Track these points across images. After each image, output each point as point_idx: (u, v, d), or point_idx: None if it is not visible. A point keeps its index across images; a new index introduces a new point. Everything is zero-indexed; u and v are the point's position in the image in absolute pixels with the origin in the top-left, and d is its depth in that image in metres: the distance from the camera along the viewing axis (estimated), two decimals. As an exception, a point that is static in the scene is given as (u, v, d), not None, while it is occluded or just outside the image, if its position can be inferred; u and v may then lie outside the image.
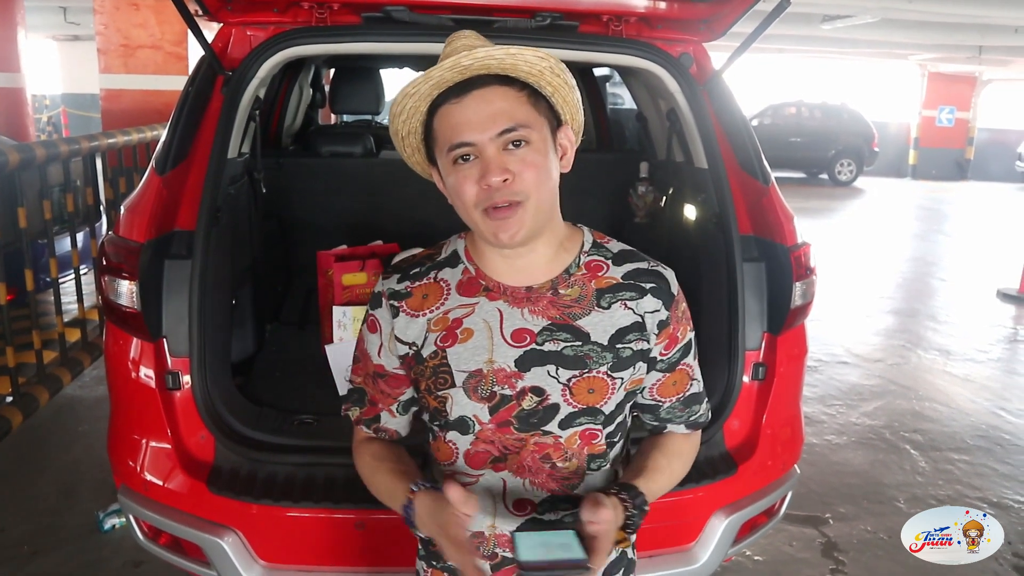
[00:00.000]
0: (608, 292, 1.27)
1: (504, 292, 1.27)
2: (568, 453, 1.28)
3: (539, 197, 1.20)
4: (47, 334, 4.20)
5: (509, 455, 1.28)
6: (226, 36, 2.46)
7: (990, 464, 4.00)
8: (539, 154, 1.19)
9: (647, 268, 1.30)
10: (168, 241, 2.17)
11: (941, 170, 19.02)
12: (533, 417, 1.26)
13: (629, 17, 2.49)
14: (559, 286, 1.27)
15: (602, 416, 1.28)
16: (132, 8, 7.35)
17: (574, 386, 1.25)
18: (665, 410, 1.37)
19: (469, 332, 1.27)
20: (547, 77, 1.21)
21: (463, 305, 1.28)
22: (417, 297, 1.31)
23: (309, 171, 3.53)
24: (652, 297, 1.28)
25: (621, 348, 1.26)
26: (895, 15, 10.30)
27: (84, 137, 4.59)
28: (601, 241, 1.33)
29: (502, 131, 1.17)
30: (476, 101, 1.17)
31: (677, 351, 1.33)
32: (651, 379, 1.33)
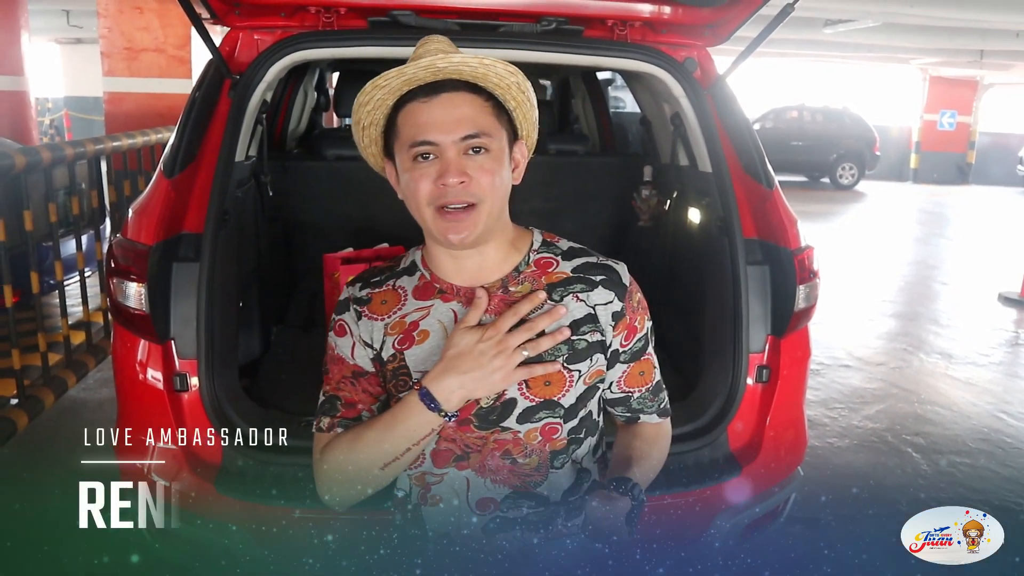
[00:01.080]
0: (559, 286, 1.31)
1: (457, 293, 1.32)
2: (528, 449, 1.30)
3: (492, 202, 1.25)
4: (52, 336, 4.22)
5: (471, 453, 1.31)
6: (233, 40, 2.48)
7: (992, 467, 4.00)
8: (496, 162, 1.25)
9: (596, 262, 1.34)
10: (176, 244, 2.19)
11: (942, 174, 19.02)
12: (492, 414, 1.29)
13: (634, 22, 2.51)
14: (509, 284, 1.31)
15: (561, 409, 1.30)
16: (136, 12, 7.39)
17: (530, 380, 1.27)
18: (636, 400, 1.40)
19: (425, 334, 1.32)
20: (513, 92, 1.27)
21: (419, 308, 1.33)
22: (376, 302, 1.36)
23: (314, 174, 3.54)
24: (603, 289, 1.32)
25: (576, 340, 1.29)
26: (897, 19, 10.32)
27: (89, 140, 4.61)
28: (551, 240, 1.37)
29: (465, 136, 1.22)
30: (444, 104, 1.23)
31: (638, 340, 1.36)
32: (616, 372, 1.37)
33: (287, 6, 2.42)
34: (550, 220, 3.76)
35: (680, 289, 2.87)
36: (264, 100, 2.49)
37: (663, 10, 2.53)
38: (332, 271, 2.90)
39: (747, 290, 2.29)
